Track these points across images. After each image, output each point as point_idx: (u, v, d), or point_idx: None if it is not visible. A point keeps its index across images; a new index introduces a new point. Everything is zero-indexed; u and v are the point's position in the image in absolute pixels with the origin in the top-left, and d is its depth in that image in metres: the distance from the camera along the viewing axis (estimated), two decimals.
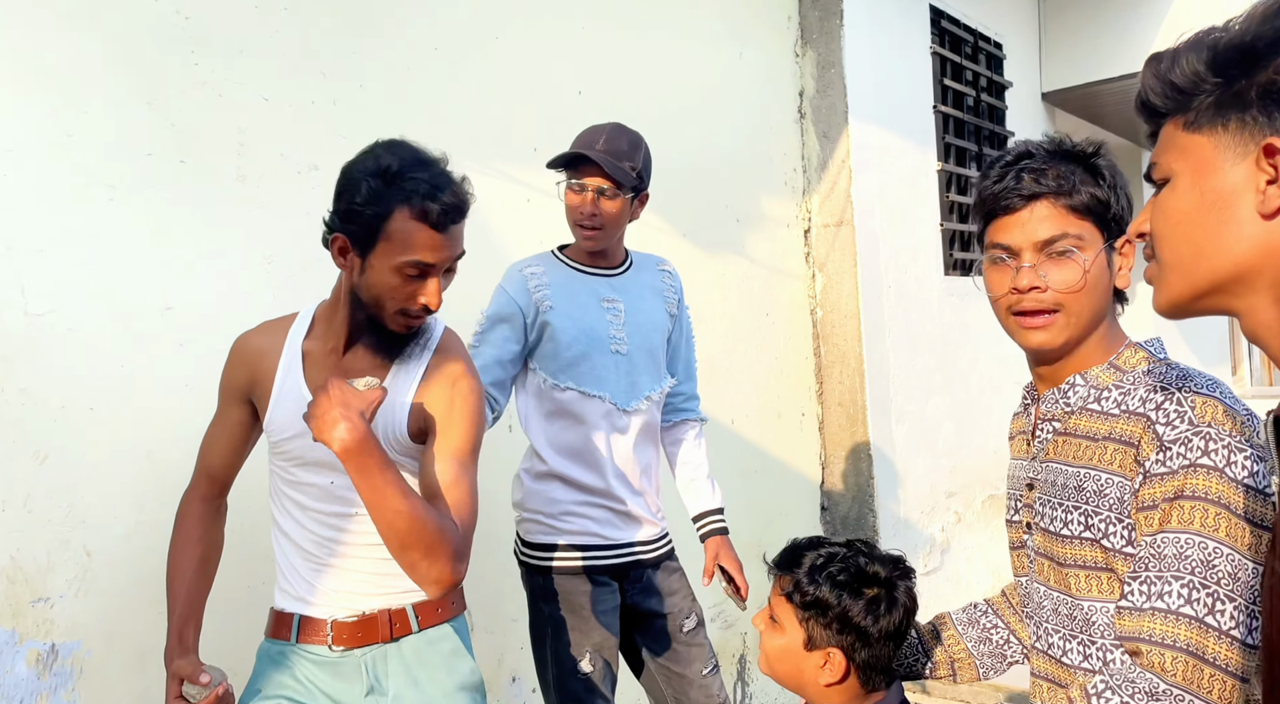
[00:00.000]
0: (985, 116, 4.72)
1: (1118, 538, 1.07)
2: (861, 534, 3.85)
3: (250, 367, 1.50)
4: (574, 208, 1.90)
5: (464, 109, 2.50)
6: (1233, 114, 0.71)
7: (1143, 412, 1.07)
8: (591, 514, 1.95)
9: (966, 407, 4.47)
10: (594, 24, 2.87)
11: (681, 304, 2.11)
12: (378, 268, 1.36)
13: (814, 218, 3.79)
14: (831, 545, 1.29)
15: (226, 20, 2.01)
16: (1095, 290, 1.13)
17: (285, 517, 1.52)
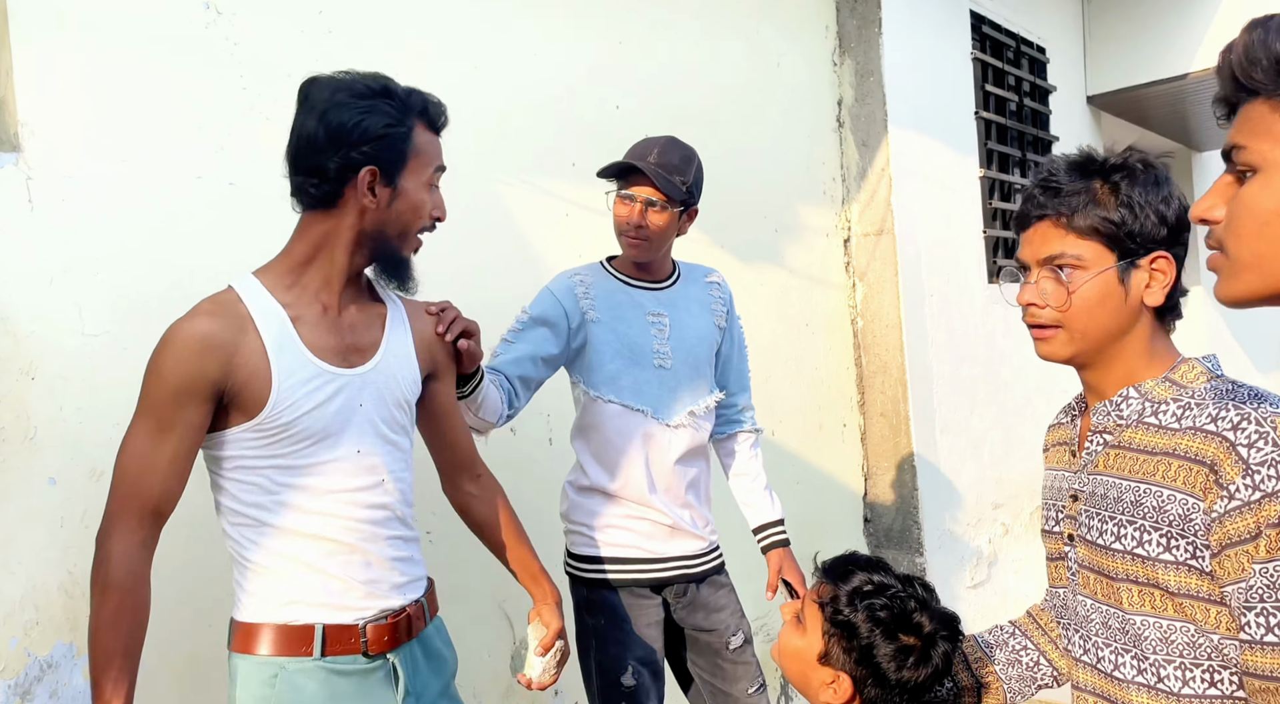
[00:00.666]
0: (1029, 122, 4.66)
1: (1180, 551, 1.04)
2: (905, 547, 3.80)
3: (221, 354, 1.28)
4: (621, 218, 1.91)
5: (503, 125, 2.52)
6: None
7: (1215, 430, 1.03)
8: (634, 527, 1.95)
9: (1013, 416, 4.40)
10: (630, 39, 2.89)
11: (732, 315, 2.10)
12: (410, 187, 1.37)
13: (854, 227, 3.77)
14: (889, 575, 1.24)
15: (274, 45, 2.05)
16: (1098, 308, 1.14)
17: (291, 514, 1.36)
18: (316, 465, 1.36)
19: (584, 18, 2.75)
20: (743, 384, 2.15)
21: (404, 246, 1.41)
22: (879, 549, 3.88)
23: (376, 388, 1.43)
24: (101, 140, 1.79)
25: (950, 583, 3.93)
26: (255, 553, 1.37)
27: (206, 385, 1.29)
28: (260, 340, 1.32)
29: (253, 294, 1.35)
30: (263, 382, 1.31)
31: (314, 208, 1.38)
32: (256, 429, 1.33)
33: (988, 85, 4.32)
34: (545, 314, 1.90)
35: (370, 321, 1.48)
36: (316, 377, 1.36)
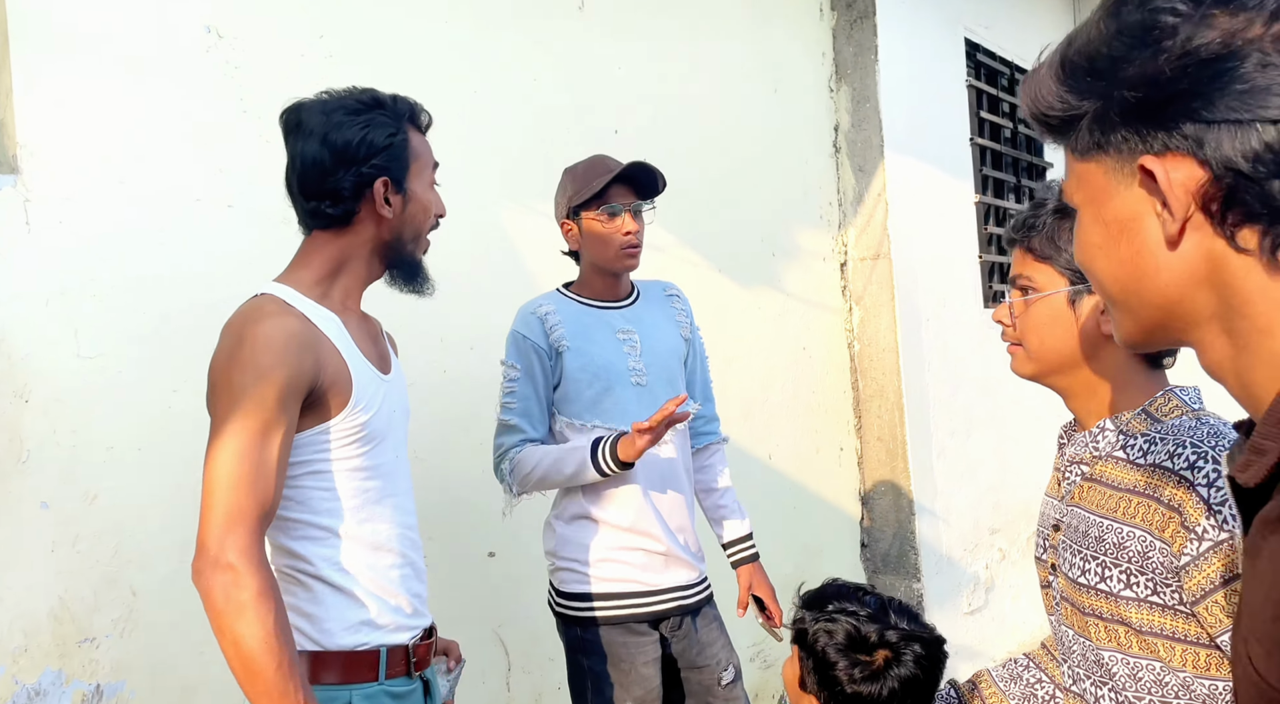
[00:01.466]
0: (1023, 148, 4.69)
1: (1141, 588, 1.04)
2: (903, 572, 3.78)
3: (314, 351, 1.27)
4: (614, 232, 1.89)
5: (503, 150, 2.53)
6: (1109, 136, 0.63)
7: (1173, 469, 1.03)
8: (628, 559, 1.91)
9: (1010, 441, 4.39)
10: (629, 63, 2.91)
11: (693, 326, 2.10)
12: (418, 190, 1.40)
13: (850, 251, 3.78)
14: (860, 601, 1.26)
15: (274, 69, 2.06)
16: (1047, 329, 1.15)
17: (362, 521, 1.33)
18: (377, 468, 1.36)
19: (583, 42, 2.77)
20: (708, 395, 2.14)
21: (418, 249, 1.44)
22: (876, 575, 3.86)
23: (399, 396, 1.47)
24: (100, 162, 1.79)
25: (947, 608, 3.90)
26: (325, 568, 1.32)
27: (305, 383, 1.26)
28: (331, 342, 1.32)
29: (297, 300, 1.33)
30: (346, 380, 1.31)
31: (329, 227, 1.38)
32: (335, 429, 1.31)
33: (982, 112, 4.36)
34: (529, 358, 1.90)
35: (379, 333, 1.51)
36: (373, 380, 1.38)
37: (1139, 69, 0.60)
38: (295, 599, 1.33)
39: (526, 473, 1.87)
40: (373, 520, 1.36)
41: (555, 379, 1.92)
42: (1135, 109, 0.61)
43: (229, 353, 1.26)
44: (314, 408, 1.30)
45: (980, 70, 4.40)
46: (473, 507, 2.38)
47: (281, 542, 1.34)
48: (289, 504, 1.32)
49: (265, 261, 1.99)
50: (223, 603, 1.16)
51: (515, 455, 1.89)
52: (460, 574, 2.32)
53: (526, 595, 2.47)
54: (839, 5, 3.76)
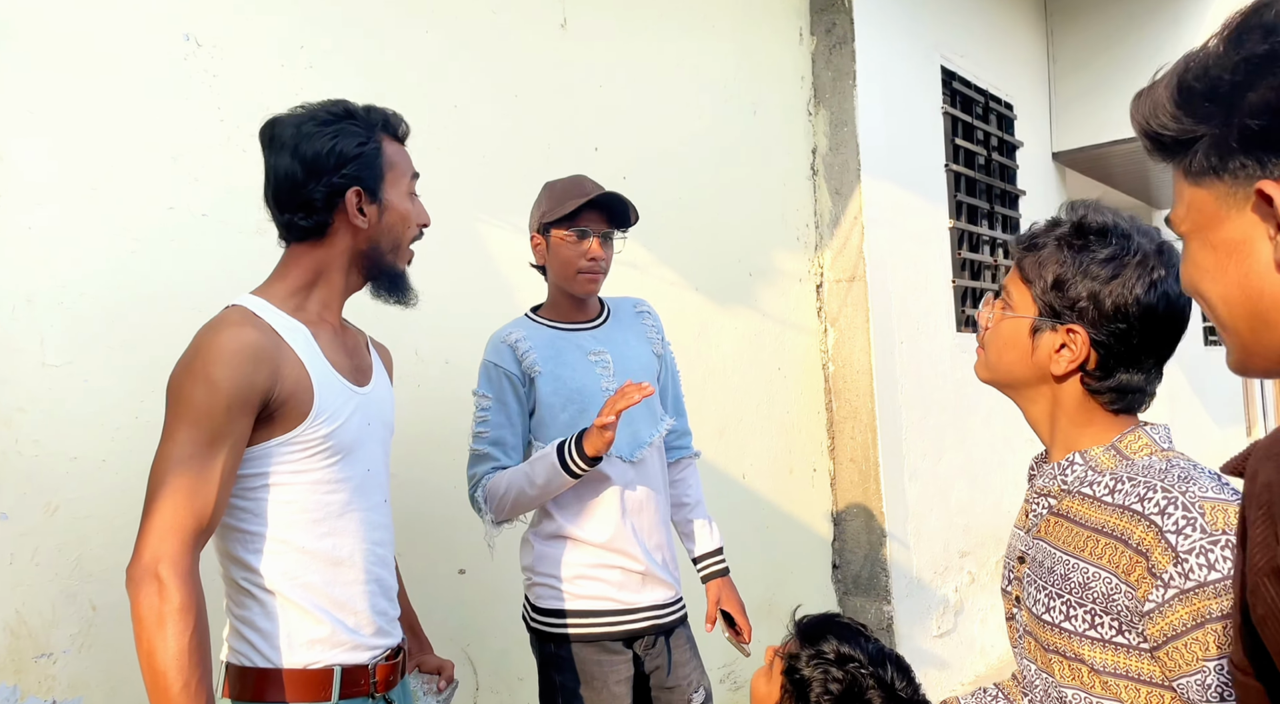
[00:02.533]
0: (996, 175, 4.76)
1: (1105, 629, 1.03)
2: (873, 594, 3.78)
3: (271, 363, 1.26)
4: (578, 255, 1.89)
5: (482, 165, 2.52)
6: (1226, 162, 0.64)
7: (1142, 512, 1.01)
8: (604, 576, 1.90)
9: (980, 465, 4.42)
10: (611, 83, 2.91)
11: (664, 341, 2.10)
12: (394, 199, 1.38)
13: (826, 273, 3.80)
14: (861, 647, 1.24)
15: (254, 79, 2.04)
16: (1004, 348, 1.15)
17: (321, 535, 1.31)
18: (343, 482, 1.34)
19: (565, 59, 2.78)
20: (679, 410, 2.13)
21: (399, 259, 1.42)
22: (847, 596, 3.85)
23: (378, 409, 1.44)
24: (72, 168, 1.77)
25: (917, 631, 3.91)
26: (280, 582, 1.30)
27: (258, 396, 1.25)
28: (295, 353, 1.31)
29: (266, 311, 1.32)
30: (306, 391, 1.29)
31: (305, 239, 1.37)
32: (295, 441, 1.29)
33: (957, 139, 4.41)
34: (501, 387, 1.89)
35: (359, 345, 1.48)
36: (342, 391, 1.36)
37: (1262, 97, 0.61)
38: (249, 612, 1.31)
39: (500, 495, 1.86)
40: (335, 535, 1.33)
41: (530, 405, 1.92)
42: (1256, 137, 0.62)
43: (185, 363, 1.26)
44: (271, 420, 1.28)
45: (956, 98, 4.45)
46: (444, 523, 2.36)
47: (237, 554, 1.31)
48: (244, 516, 1.30)
49: (239, 272, 1.97)
50: (145, 612, 1.16)
51: (487, 483, 1.88)
52: (430, 591, 2.28)
53: (497, 614, 2.45)
54: (818, 30, 3.80)
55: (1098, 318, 1.08)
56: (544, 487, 1.81)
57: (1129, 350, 1.09)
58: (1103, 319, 1.08)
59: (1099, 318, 1.08)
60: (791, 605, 3.63)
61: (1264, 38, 0.61)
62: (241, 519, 1.30)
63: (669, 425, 2.03)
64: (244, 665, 1.31)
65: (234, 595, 1.33)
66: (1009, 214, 4.84)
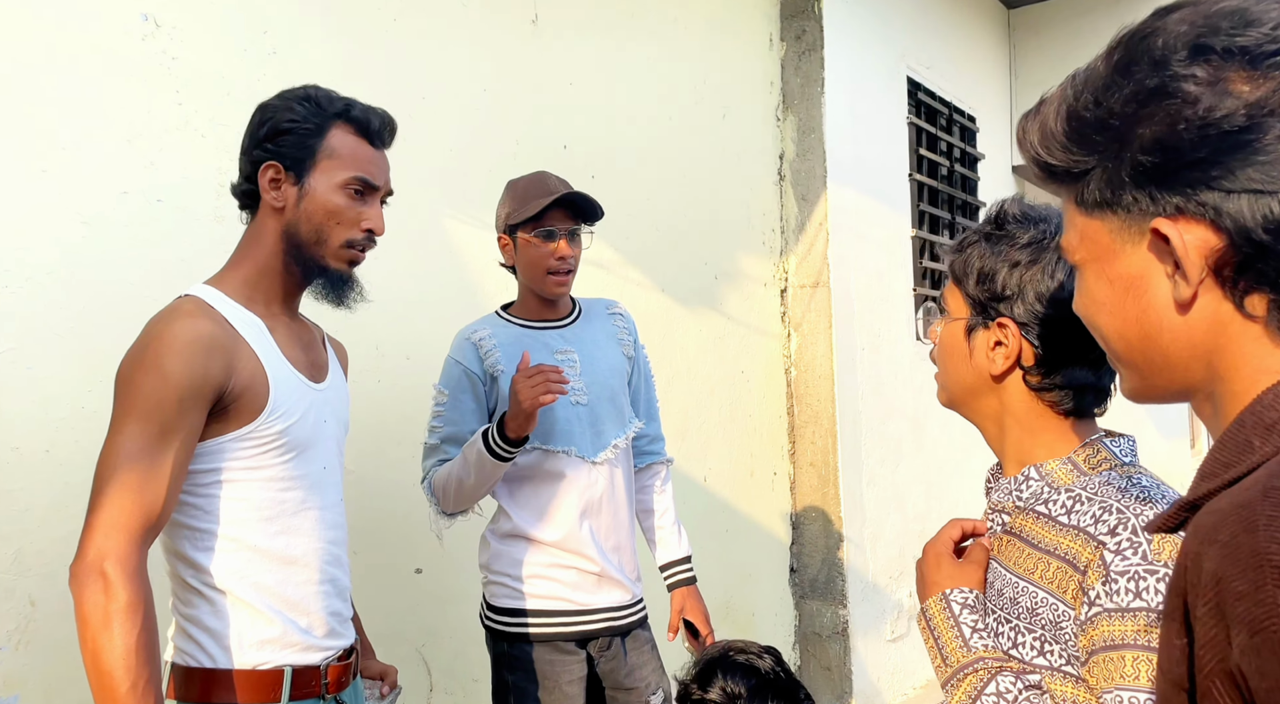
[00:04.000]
0: (958, 186, 4.81)
1: (1055, 656, 0.98)
2: (830, 598, 3.79)
3: (225, 355, 1.22)
4: (545, 256, 1.87)
5: (448, 159, 2.48)
6: (1118, 196, 0.62)
7: (1094, 533, 0.96)
8: (560, 577, 1.88)
9: (935, 472, 4.46)
10: (582, 81, 2.89)
11: (637, 345, 2.08)
12: (320, 189, 1.32)
13: (791, 278, 3.81)
14: (754, 689, 1.30)
15: (214, 62, 1.99)
16: (947, 358, 1.10)
17: (274, 533, 1.28)
18: (297, 479, 1.31)
19: (535, 56, 2.75)
20: (652, 414, 2.11)
21: (323, 254, 1.34)
22: (804, 600, 3.86)
23: (333, 407, 1.41)
24: (22, 149, 1.70)
25: (871, 635, 3.93)
26: (230, 581, 1.26)
27: (211, 388, 1.21)
28: (249, 346, 1.27)
29: (220, 302, 1.29)
30: (261, 386, 1.26)
31: (244, 208, 1.38)
32: (249, 436, 1.26)
33: (921, 149, 4.46)
34: (459, 384, 1.87)
35: (315, 340, 1.45)
36: (298, 387, 1.32)
37: (1154, 134, 0.59)
38: (197, 611, 1.27)
39: (443, 485, 1.85)
40: (288, 533, 1.30)
41: (492, 403, 1.89)
42: (1149, 173, 0.60)
43: (135, 353, 1.22)
44: (225, 414, 1.25)
45: (921, 108, 4.50)
46: (402, 521, 2.31)
47: (187, 551, 1.27)
48: (195, 513, 1.27)
49: (195, 261, 1.92)
50: (90, 611, 1.12)
51: (434, 474, 1.88)
52: (385, 591, 2.24)
53: (452, 614, 2.41)
54: (788, 36, 3.81)
55: (1024, 309, 1.03)
56: (478, 473, 1.79)
57: (1066, 342, 1.02)
58: (1029, 310, 1.03)
59: (1025, 309, 1.03)
60: (749, 609, 3.66)
61: (1154, 71, 0.59)
62: (191, 516, 1.27)
63: (637, 428, 2.01)
64: (190, 666, 1.27)
65: (181, 594, 1.29)
66: (969, 225, 4.89)
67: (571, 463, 1.88)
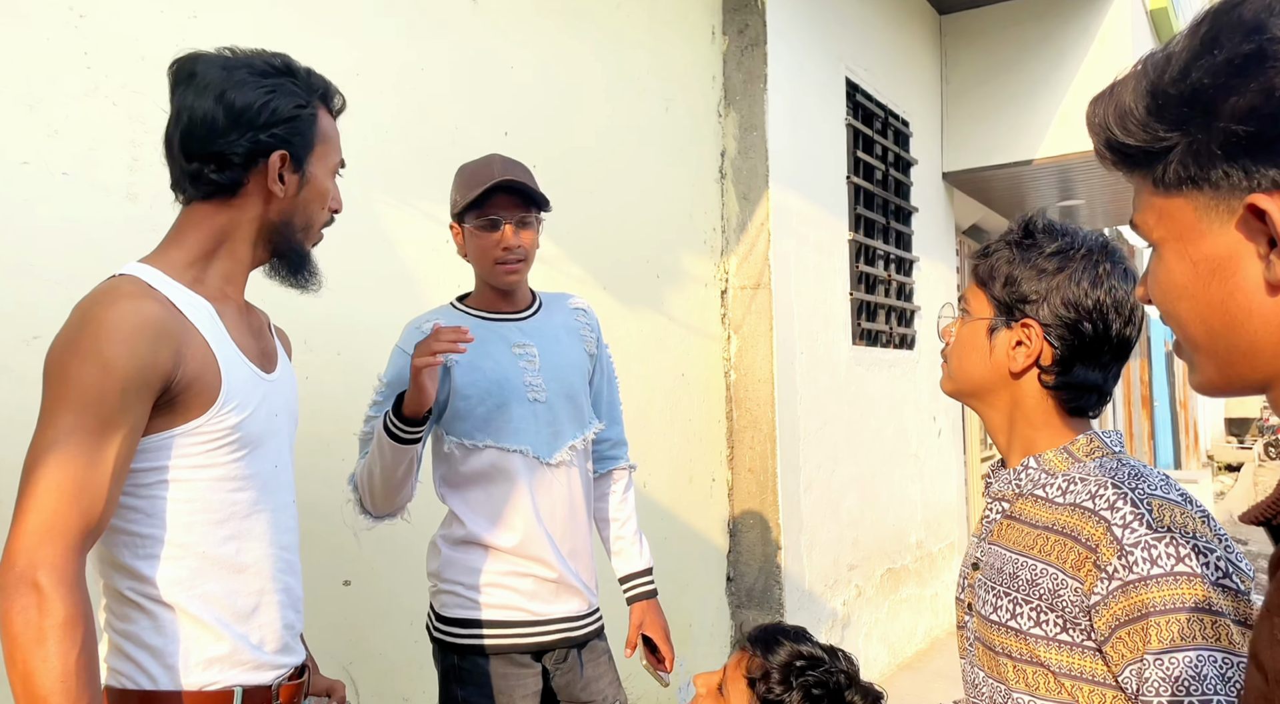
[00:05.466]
0: (892, 191, 4.89)
1: (1050, 625, 1.06)
2: (766, 607, 3.79)
3: (173, 341, 1.14)
4: (491, 245, 1.81)
5: (383, 142, 2.38)
6: (1207, 171, 0.61)
7: (1093, 509, 1.06)
8: (516, 585, 1.82)
9: (869, 477, 4.51)
10: (523, 65, 2.81)
11: (601, 343, 2.03)
12: (319, 175, 1.30)
13: (731, 279, 3.80)
14: (815, 646, 1.25)
15: (128, 23, 1.84)
16: (964, 354, 1.21)
17: (225, 538, 1.21)
18: (249, 479, 1.23)
19: (475, 35, 2.66)
20: (615, 417, 2.06)
21: (309, 239, 1.32)
22: (740, 609, 3.84)
23: (284, 399, 1.34)
24: None
25: None
26: (174, 592, 1.18)
27: (158, 378, 1.12)
28: (199, 331, 1.18)
29: (163, 283, 1.19)
30: (213, 375, 1.18)
31: (210, 197, 1.24)
32: (199, 431, 1.18)
33: (859, 151, 4.51)
34: (404, 375, 1.78)
35: (264, 327, 1.38)
36: (250, 378, 1.25)
37: (1249, 102, 0.58)
38: (135, 627, 1.18)
39: (361, 479, 1.79)
40: (239, 538, 1.22)
41: (443, 396, 1.82)
42: (1243, 144, 0.58)
43: (68, 339, 1.11)
44: (172, 407, 1.16)
45: (859, 111, 4.55)
46: (330, 530, 2.20)
47: (125, 560, 1.18)
48: (136, 517, 1.17)
49: (104, 241, 1.77)
50: (20, 627, 1.01)
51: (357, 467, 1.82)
52: (312, 605, 2.09)
53: (382, 629, 2.31)
54: (730, 30, 3.80)
55: (1048, 312, 1.14)
56: (383, 460, 1.72)
57: (1084, 345, 1.14)
58: (1053, 313, 1.14)
59: (1049, 312, 1.14)
60: (685, 620, 3.61)
61: (1246, 36, 0.58)
62: (131, 520, 1.17)
63: (597, 430, 1.96)
64: (127, 688, 1.17)
65: (117, 608, 1.19)
66: (902, 230, 4.98)
67: (527, 463, 1.82)
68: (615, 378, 2.09)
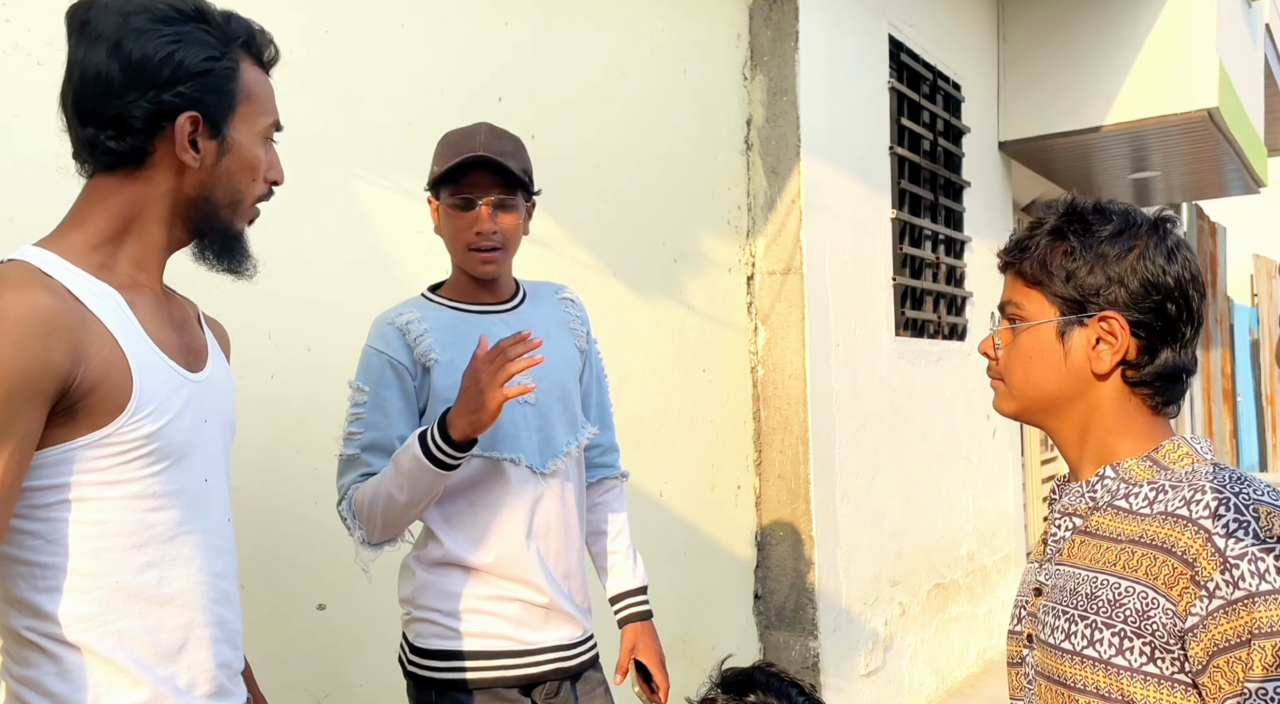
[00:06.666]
0: (941, 163, 4.75)
1: (1135, 654, 1.03)
2: (798, 628, 3.73)
3: (69, 337, 1.08)
4: (464, 229, 1.76)
5: (360, 108, 2.32)
6: None
7: (1188, 516, 1.03)
8: (501, 611, 1.78)
9: (914, 483, 4.44)
10: (519, 19, 2.75)
11: (590, 337, 2.00)
12: (243, 140, 1.21)
13: (758, 263, 3.72)
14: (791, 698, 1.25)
15: None
16: (1032, 364, 1.19)
17: (142, 566, 1.16)
18: (171, 496, 1.18)
19: None
20: (606, 420, 2.04)
21: (237, 217, 1.24)
22: (769, 631, 3.78)
23: (215, 402, 1.28)
24: None
25: (844, 670, 3.86)
26: (82, 631, 1.12)
27: (51, 381, 1.07)
28: (103, 325, 1.12)
29: (59, 269, 1.12)
30: (121, 376, 1.12)
31: (113, 168, 1.18)
32: (107, 442, 1.12)
33: (903, 119, 4.39)
34: (383, 378, 1.77)
35: (189, 319, 1.31)
36: (171, 379, 1.19)
37: None
38: (37, 673, 1.12)
39: (368, 507, 1.73)
40: (160, 565, 1.17)
41: (422, 402, 1.78)
42: None
43: None
44: (73, 414, 1.10)
45: (903, 73, 4.44)
46: (300, 547, 2.16)
47: (22, 594, 1.12)
48: (34, 543, 1.12)
49: (26, 221, 1.71)
50: None
51: (354, 493, 1.77)
52: (281, 632, 2.09)
53: (360, 659, 2.27)
54: None
55: (1128, 298, 1.12)
56: (413, 487, 1.67)
57: (1167, 325, 1.13)
58: (1133, 299, 1.12)
59: (1129, 298, 1.12)
60: (708, 642, 3.54)
61: None
62: (28, 547, 1.12)
63: (591, 434, 1.92)
64: None
65: (14, 651, 1.14)
66: (953, 206, 4.85)
67: (519, 474, 1.78)
68: (605, 376, 2.06)
